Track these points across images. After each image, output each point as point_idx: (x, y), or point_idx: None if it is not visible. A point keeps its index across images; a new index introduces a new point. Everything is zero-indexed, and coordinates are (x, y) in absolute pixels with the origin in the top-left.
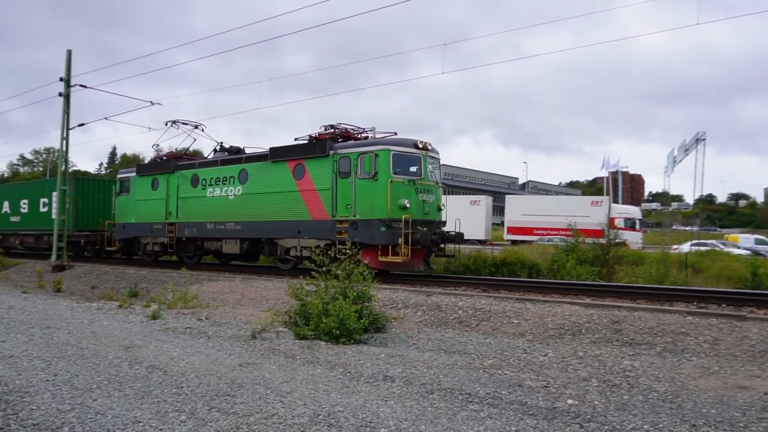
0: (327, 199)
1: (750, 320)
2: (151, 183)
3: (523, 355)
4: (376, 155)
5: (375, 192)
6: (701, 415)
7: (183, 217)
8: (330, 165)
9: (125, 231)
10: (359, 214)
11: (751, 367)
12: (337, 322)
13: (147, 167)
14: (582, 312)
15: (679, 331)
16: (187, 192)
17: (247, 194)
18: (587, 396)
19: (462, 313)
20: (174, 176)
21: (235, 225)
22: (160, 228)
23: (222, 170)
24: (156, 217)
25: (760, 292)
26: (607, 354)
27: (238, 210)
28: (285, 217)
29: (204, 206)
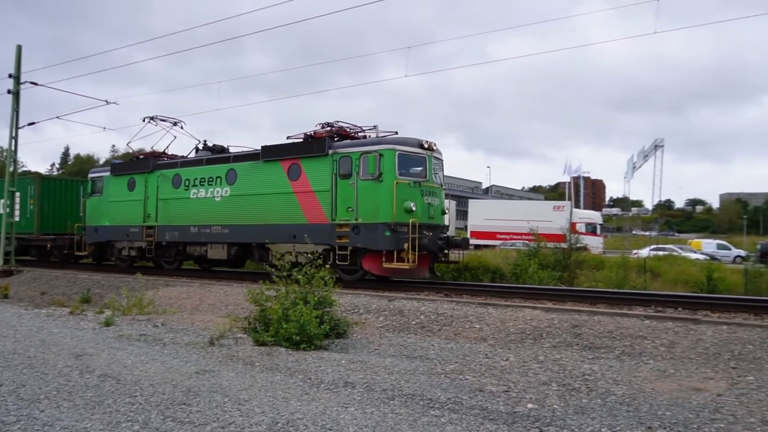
0: (326, 201)
1: (704, 323)
2: (127, 183)
3: (485, 359)
4: (380, 155)
5: (379, 194)
6: (657, 417)
7: (163, 220)
8: (329, 165)
9: (97, 234)
10: (362, 218)
11: (705, 369)
12: (297, 327)
13: (123, 166)
14: (543, 316)
15: (637, 334)
16: (168, 193)
17: (236, 196)
18: (547, 400)
19: (424, 318)
20: (153, 176)
21: (222, 229)
22: (138, 231)
23: (207, 170)
24: (133, 219)
25: (713, 296)
26: (567, 358)
27: (226, 213)
28: (278, 220)
29: (187, 208)
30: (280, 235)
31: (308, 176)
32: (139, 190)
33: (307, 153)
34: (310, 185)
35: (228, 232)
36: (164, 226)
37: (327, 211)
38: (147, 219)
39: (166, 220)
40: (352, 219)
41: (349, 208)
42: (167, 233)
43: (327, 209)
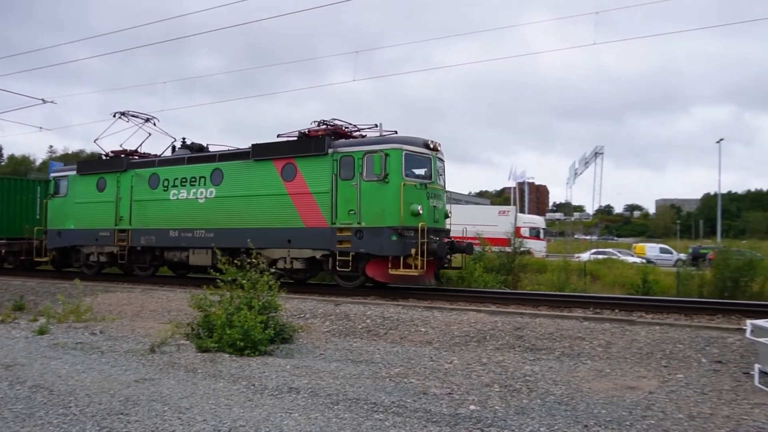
0: (325, 203)
1: (639, 324)
2: (96, 183)
3: (430, 362)
4: (386, 155)
5: (385, 196)
6: (593, 415)
7: (138, 223)
8: (329, 165)
9: (61, 239)
10: (365, 221)
11: (639, 368)
12: (241, 333)
13: (91, 165)
14: (487, 319)
15: (576, 336)
16: (144, 194)
17: (223, 197)
18: (489, 401)
19: (370, 322)
20: (127, 176)
21: (207, 233)
22: (108, 235)
23: (189, 170)
24: (103, 222)
25: (647, 297)
26: (509, 360)
27: (211, 215)
28: (271, 224)
29: (166, 211)
30: (273, 240)
31: (305, 177)
32: (110, 190)
33: (304, 152)
34: (308, 186)
35: (213, 236)
36: (139, 230)
37: (326, 214)
38: (119, 222)
39: (142, 223)
40: (355, 222)
41: (351, 211)
42: (142, 237)
43: (326, 212)
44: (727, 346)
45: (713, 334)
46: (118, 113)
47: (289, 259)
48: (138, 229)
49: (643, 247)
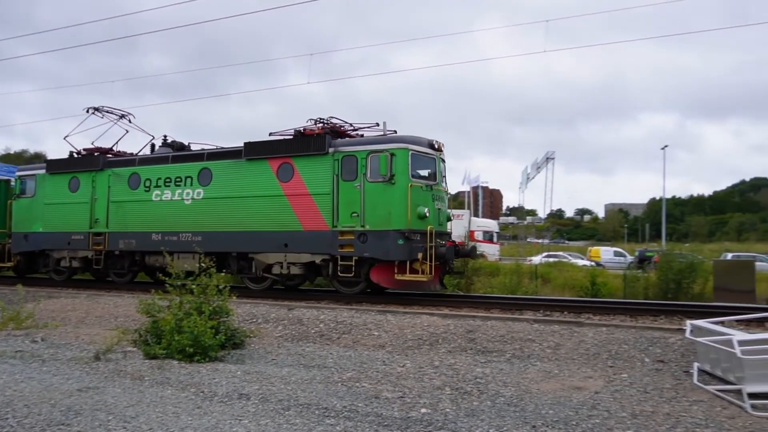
0: (325, 205)
1: (587, 326)
2: (68, 183)
3: (382, 366)
4: (392, 155)
5: (391, 198)
6: (541, 416)
7: (116, 226)
8: (329, 165)
9: (27, 243)
10: (370, 224)
11: (586, 368)
12: (191, 339)
13: (63, 163)
14: (440, 322)
15: (527, 338)
16: (123, 195)
17: (211, 199)
18: (440, 404)
19: (323, 327)
20: (103, 175)
21: (194, 236)
22: (82, 239)
23: (174, 169)
24: (76, 225)
25: (595, 299)
26: (461, 362)
27: (199, 218)
28: (266, 227)
29: (148, 213)
30: (268, 244)
31: (303, 177)
32: (84, 191)
33: (302, 151)
34: (306, 187)
35: (201, 240)
36: (117, 233)
37: (327, 216)
38: (95, 224)
39: (121, 226)
40: (358, 225)
41: (354, 214)
42: (121, 241)
43: (327, 214)
44: (669, 345)
45: (656, 334)
46: (92, 108)
47: (285, 264)
48: (116, 232)
49: (598, 251)
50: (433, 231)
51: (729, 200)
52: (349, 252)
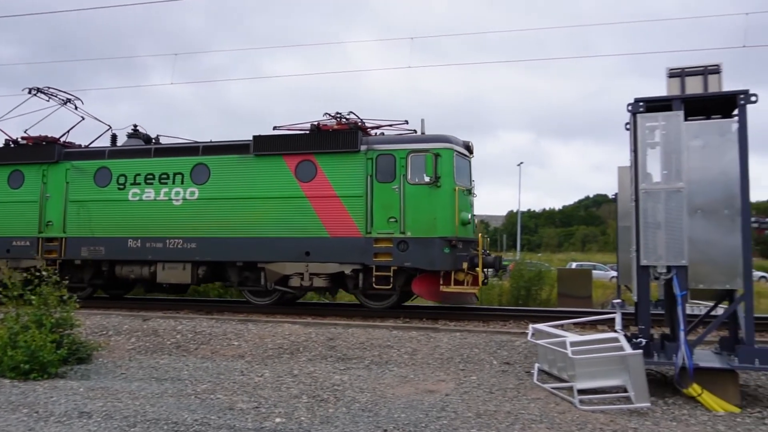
0: (357, 209)
1: (442, 331)
2: (7, 177)
3: (240, 377)
4: (437, 155)
5: (436, 202)
6: (393, 420)
7: (77, 230)
8: (361, 164)
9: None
10: (411, 231)
11: (440, 372)
12: (27, 354)
13: (1, 152)
14: (301, 331)
15: (386, 344)
16: (88, 193)
17: (209, 199)
18: (296, 413)
19: (180, 338)
20: (59, 169)
21: (185, 242)
22: (28, 246)
23: (159, 164)
24: (18, 228)
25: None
26: (320, 370)
27: (192, 221)
28: (281, 233)
29: (122, 215)
30: (285, 252)
31: (329, 177)
32: (30, 187)
33: (328, 148)
34: (333, 188)
35: (195, 247)
36: (79, 239)
37: (359, 221)
38: (46, 228)
39: (84, 231)
40: (397, 232)
41: (392, 219)
42: (84, 248)
43: (359, 219)
44: (515, 348)
45: (504, 338)
46: (34, 89)
47: (307, 275)
48: (77, 237)
49: None
50: (479, 238)
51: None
52: (386, 261)
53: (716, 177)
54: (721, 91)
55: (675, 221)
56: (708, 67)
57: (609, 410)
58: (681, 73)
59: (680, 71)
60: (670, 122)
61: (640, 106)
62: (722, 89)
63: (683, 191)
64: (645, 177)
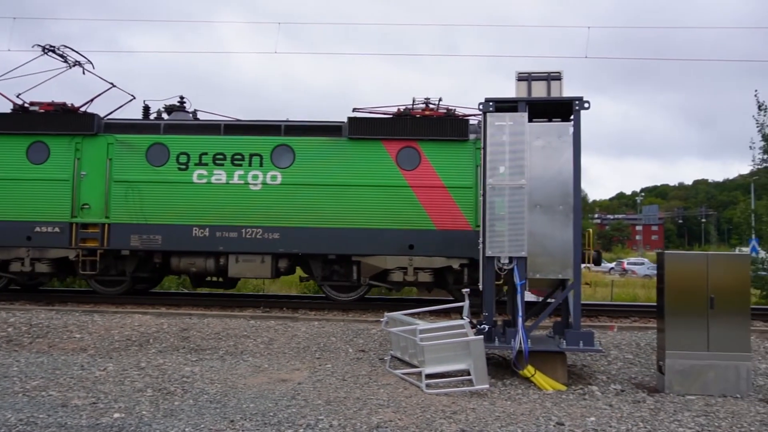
0: (466, 201)
1: (301, 321)
2: (26, 150)
3: (79, 371)
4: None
5: None
6: (241, 410)
7: (125, 215)
8: (470, 154)
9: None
10: None
11: (295, 361)
12: None
13: (16, 120)
14: (152, 321)
15: (242, 334)
16: (141, 173)
17: (294, 185)
18: (137, 407)
19: (13, 331)
20: (98, 142)
21: (266, 232)
22: (57, 232)
23: (231, 142)
24: (43, 212)
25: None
26: (170, 362)
27: (273, 209)
28: (381, 224)
29: (186, 199)
30: (385, 245)
31: (435, 166)
32: (58, 162)
33: (434, 135)
34: (440, 178)
35: (278, 238)
36: (128, 226)
37: (468, 214)
38: (81, 212)
39: (135, 216)
40: None
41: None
42: (134, 236)
43: (468, 212)
44: (371, 336)
45: (361, 326)
46: (48, 46)
47: (411, 270)
48: (125, 224)
49: None
50: (591, 234)
51: None
52: None
53: (554, 175)
54: (560, 96)
55: (517, 216)
56: (551, 73)
57: (452, 393)
58: (528, 77)
59: (527, 75)
60: (516, 122)
61: (490, 106)
62: (563, 95)
63: (525, 188)
64: (492, 173)
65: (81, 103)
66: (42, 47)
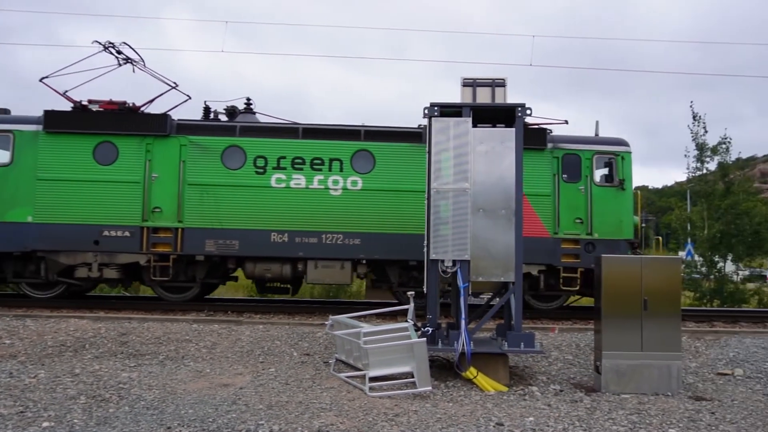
0: (544, 208)
1: (245, 324)
2: (93, 150)
3: (7, 379)
4: (621, 158)
5: (622, 205)
6: (179, 416)
7: (199, 220)
8: (547, 163)
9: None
10: (598, 233)
11: (238, 366)
12: None
13: (83, 119)
14: (89, 326)
15: (184, 338)
16: (215, 175)
17: (375, 191)
18: (69, 415)
19: None
20: (169, 144)
21: (347, 238)
22: (128, 236)
23: (310, 147)
24: (111, 215)
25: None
26: (107, 368)
27: (355, 214)
28: None
29: (264, 203)
30: None
31: None
32: (128, 164)
33: None
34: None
35: (359, 244)
36: (203, 230)
37: (547, 221)
38: (152, 216)
39: (210, 220)
40: (584, 233)
41: (578, 220)
42: (210, 241)
43: (547, 219)
44: (316, 339)
45: (306, 330)
46: (108, 43)
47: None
48: (200, 228)
49: None
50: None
51: None
52: (573, 262)
53: (497, 180)
54: (503, 102)
55: (461, 219)
56: (496, 80)
57: (395, 395)
58: (473, 83)
59: (472, 81)
60: (460, 127)
61: (435, 111)
62: (506, 101)
63: (469, 192)
64: (437, 177)
65: (142, 104)
66: (102, 44)
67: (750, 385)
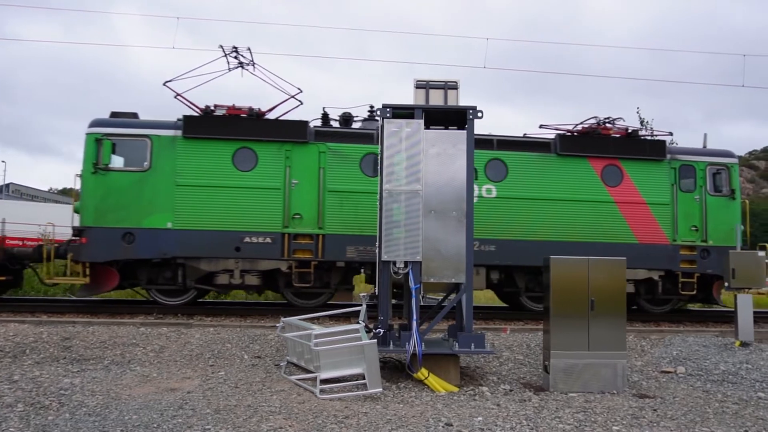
0: (664, 216)
1: (195, 327)
2: (232, 156)
3: None
4: (732, 168)
5: (733, 214)
6: (123, 422)
7: (340, 226)
8: (666, 173)
9: (134, 246)
10: (713, 240)
11: (187, 369)
12: None
13: (222, 124)
14: (30, 330)
15: (131, 342)
16: (355, 182)
17: (508, 198)
18: (4, 424)
19: None
20: (309, 151)
21: (482, 244)
22: (269, 243)
23: None
24: (252, 221)
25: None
26: (48, 374)
27: (490, 222)
28: (588, 237)
29: None
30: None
31: (636, 183)
32: (268, 170)
33: (634, 154)
34: (640, 195)
35: (494, 250)
36: (344, 237)
37: (666, 228)
38: (292, 222)
39: (351, 227)
40: (699, 240)
41: (693, 227)
42: (351, 248)
43: (667, 227)
44: (267, 342)
45: (258, 332)
46: (232, 48)
47: None
48: (341, 235)
49: None
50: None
51: None
52: (690, 268)
53: (448, 182)
54: (455, 105)
55: (413, 221)
56: (448, 82)
57: (346, 397)
58: (426, 85)
59: (425, 83)
60: (412, 129)
61: (388, 112)
62: (459, 103)
63: (421, 193)
64: (389, 179)
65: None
66: (231, 51)
67: (691, 382)
